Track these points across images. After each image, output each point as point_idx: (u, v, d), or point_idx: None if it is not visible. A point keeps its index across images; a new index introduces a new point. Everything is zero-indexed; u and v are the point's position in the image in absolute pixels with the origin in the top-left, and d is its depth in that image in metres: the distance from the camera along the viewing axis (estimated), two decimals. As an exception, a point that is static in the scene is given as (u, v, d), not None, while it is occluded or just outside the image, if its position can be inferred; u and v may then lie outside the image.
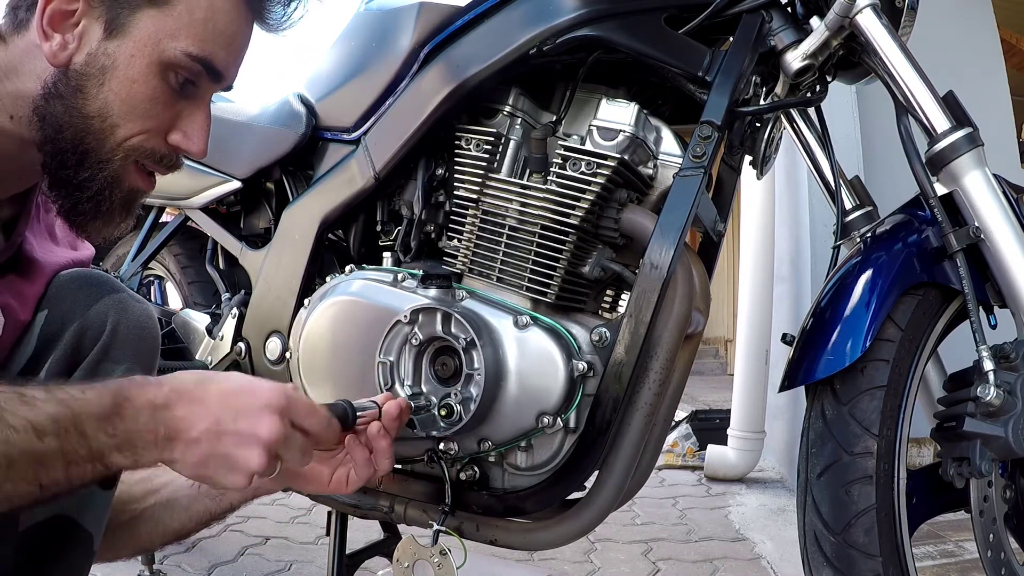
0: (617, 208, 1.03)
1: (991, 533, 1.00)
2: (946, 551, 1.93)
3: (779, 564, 1.92)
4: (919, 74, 1.02)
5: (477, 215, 1.07)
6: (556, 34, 1.03)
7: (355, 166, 1.18)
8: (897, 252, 1.02)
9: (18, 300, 0.89)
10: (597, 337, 1.01)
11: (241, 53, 0.85)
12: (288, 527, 2.13)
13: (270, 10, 0.85)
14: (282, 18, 0.87)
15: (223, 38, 0.81)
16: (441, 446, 1.05)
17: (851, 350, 0.97)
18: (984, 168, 0.99)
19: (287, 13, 0.87)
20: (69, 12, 0.76)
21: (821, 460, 0.98)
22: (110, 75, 0.77)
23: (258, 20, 0.86)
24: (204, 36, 0.79)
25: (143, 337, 0.94)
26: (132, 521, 0.99)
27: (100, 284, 0.94)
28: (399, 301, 1.06)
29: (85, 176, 0.79)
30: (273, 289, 1.24)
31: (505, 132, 1.08)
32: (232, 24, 0.81)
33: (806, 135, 1.21)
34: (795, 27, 1.06)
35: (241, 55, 0.86)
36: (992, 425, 0.92)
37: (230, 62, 0.83)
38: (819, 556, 0.98)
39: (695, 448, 3.28)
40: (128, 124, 0.78)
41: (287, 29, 0.88)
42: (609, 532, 2.15)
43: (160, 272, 1.69)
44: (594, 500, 1.01)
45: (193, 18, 0.78)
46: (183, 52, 0.78)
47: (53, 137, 0.77)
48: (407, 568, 1.02)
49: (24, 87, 0.78)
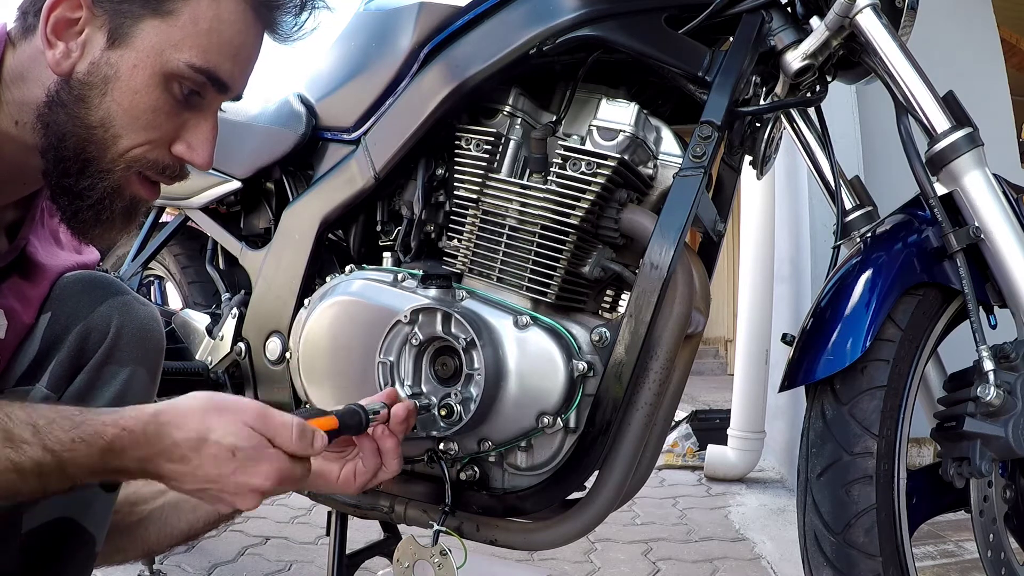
0: (617, 208, 1.03)
1: (991, 533, 1.00)
2: (946, 551, 1.93)
3: (779, 564, 1.92)
4: (919, 74, 1.02)
5: (477, 215, 1.07)
6: (556, 34, 1.03)
7: (355, 166, 1.18)
8: (897, 252, 1.02)
9: (22, 303, 0.89)
10: (597, 337, 1.01)
11: (250, 64, 0.84)
12: (288, 527, 2.13)
13: (281, 20, 0.85)
14: (293, 28, 0.86)
15: (229, 49, 0.80)
16: (441, 446, 1.05)
17: (851, 350, 0.97)
18: (984, 168, 0.99)
19: (298, 23, 0.86)
20: (73, 20, 0.76)
21: (821, 460, 0.98)
22: (113, 85, 0.76)
23: (268, 30, 0.85)
24: (208, 47, 0.78)
25: (147, 339, 0.93)
26: (140, 522, 0.99)
27: (104, 286, 0.93)
28: (399, 301, 1.06)
29: (86, 184, 0.78)
30: (273, 289, 1.24)
31: (505, 132, 1.08)
32: (239, 35, 0.80)
33: (806, 135, 1.20)
34: (795, 27, 1.06)
35: (250, 66, 0.84)
36: (992, 425, 0.92)
37: (236, 73, 0.82)
38: (819, 556, 0.97)
39: (695, 448, 3.28)
40: (131, 135, 0.78)
41: (298, 40, 0.87)
42: (609, 532, 2.15)
43: (160, 272, 1.69)
44: (594, 500, 1.01)
45: (197, 29, 0.77)
46: (186, 63, 0.77)
47: (56, 145, 0.77)
48: (407, 568, 1.02)
49: (30, 93, 0.78)
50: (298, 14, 0.86)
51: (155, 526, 0.99)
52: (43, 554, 0.88)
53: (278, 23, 0.85)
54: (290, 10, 0.85)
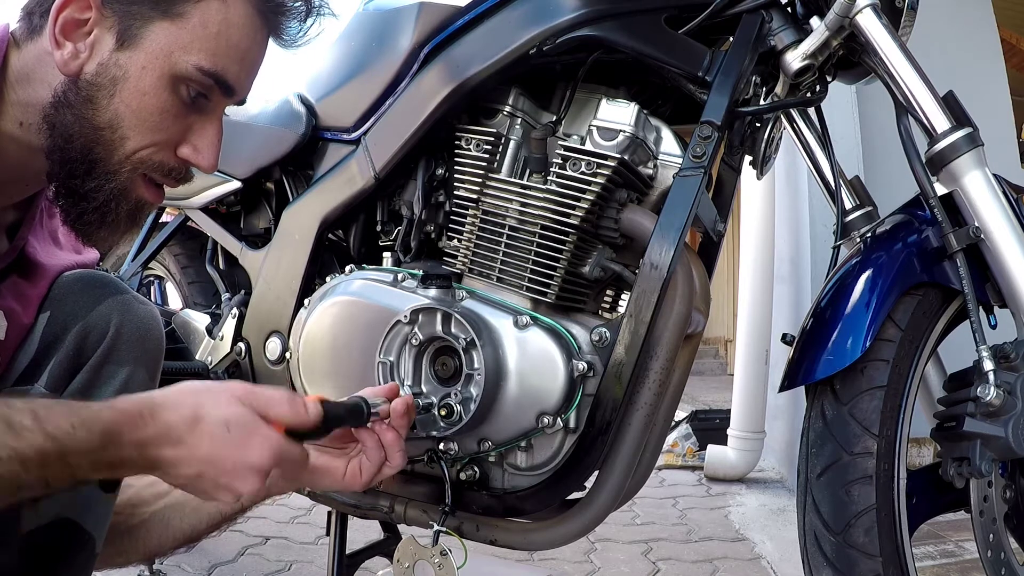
0: (617, 208, 1.03)
1: (991, 533, 1.00)
2: (946, 551, 1.93)
3: (779, 564, 1.92)
4: (919, 74, 1.02)
5: (477, 215, 1.07)
6: (556, 34, 1.03)
7: (355, 166, 1.18)
8: (897, 252, 1.02)
9: (20, 302, 0.89)
10: (597, 337, 1.01)
11: (255, 68, 0.85)
12: (288, 527, 2.13)
13: (286, 26, 0.85)
14: (298, 34, 0.86)
15: (236, 52, 0.80)
16: (441, 446, 1.05)
17: (851, 350, 0.97)
18: (984, 168, 0.99)
19: (303, 29, 0.86)
20: (82, 21, 0.76)
21: (821, 460, 0.98)
22: (121, 86, 0.76)
23: (273, 36, 0.85)
24: (217, 50, 0.78)
25: (147, 339, 0.93)
26: (141, 525, 0.99)
27: (103, 285, 0.93)
28: (399, 301, 1.06)
29: (92, 186, 0.78)
30: (273, 289, 1.24)
31: (505, 132, 1.08)
32: (246, 39, 0.81)
33: (806, 135, 1.20)
34: (795, 27, 1.06)
35: (255, 70, 0.85)
36: (992, 425, 0.92)
37: (243, 77, 0.83)
38: (819, 556, 0.97)
39: (695, 448, 3.28)
40: (138, 136, 0.78)
41: (303, 46, 0.88)
42: (609, 532, 2.15)
43: (160, 272, 1.69)
44: (594, 500, 1.01)
45: (207, 32, 0.77)
46: (195, 66, 0.77)
47: (62, 146, 0.77)
48: (407, 568, 1.02)
49: (36, 94, 0.78)
50: (303, 20, 0.86)
51: (156, 528, 0.99)
52: (43, 555, 0.87)
53: (283, 29, 0.85)
54: (296, 16, 0.85)
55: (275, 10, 0.83)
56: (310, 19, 0.87)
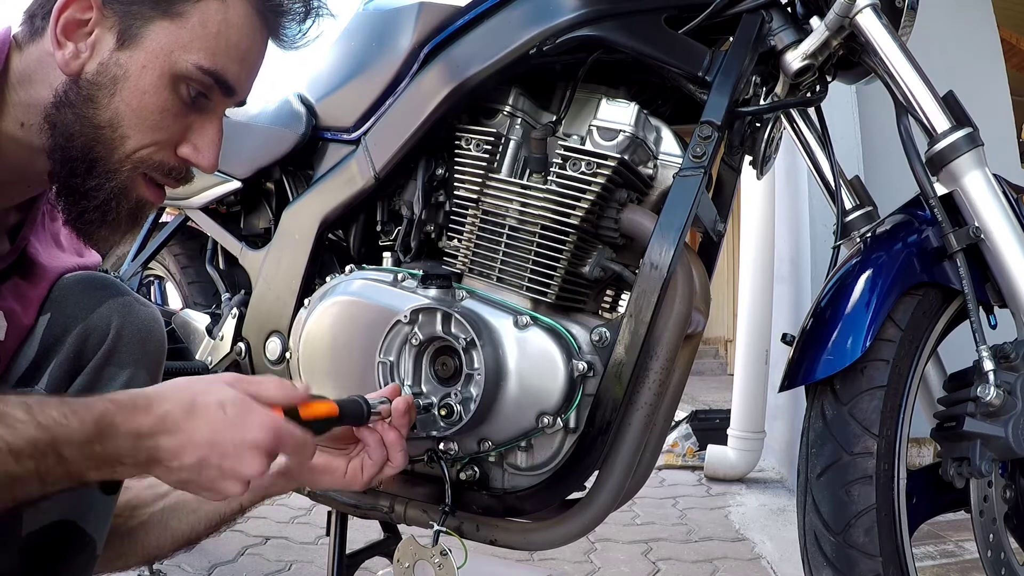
0: (617, 208, 1.03)
1: (991, 533, 1.00)
2: (946, 551, 1.93)
3: (779, 564, 1.93)
4: (919, 74, 1.02)
5: (477, 215, 1.07)
6: (556, 34, 1.03)
7: (355, 166, 1.18)
8: (897, 252, 1.02)
9: (21, 303, 0.89)
10: (597, 337, 1.01)
11: (255, 68, 0.85)
12: (288, 527, 2.13)
13: (285, 27, 0.86)
14: (297, 35, 0.87)
15: (236, 52, 0.81)
16: (441, 446, 1.05)
17: (851, 350, 0.97)
18: (984, 168, 0.99)
19: (302, 30, 0.87)
20: (83, 21, 0.76)
21: (821, 460, 0.98)
22: (121, 85, 0.77)
23: (273, 36, 0.86)
24: (217, 50, 0.79)
25: (148, 341, 0.93)
26: (141, 527, 0.99)
27: (104, 287, 0.93)
28: (399, 301, 1.06)
29: (93, 185, 0.78)
30: (273, 289, 1.24)
31: (505, 132, 1.08)
32: (246, 39, 0.81)
33: (806, 135, 1.20)
34: (795, 27, 1.06)
35: (255, 70, 0.85)
36: (992, 425, 0.92)
37: (243, 77, 0.83)
38: (819, 556, 0.97)
39: (695, 448, 3.28)
40: (138, 135, 0.78)
41: (302, 47, 0.88)
42: (609, 532, 2.15)
43: (160, 272, 1.69)
44: (594, 500, 1.01)
45: (207, 31, 0.78)
46: (195, 65, 0.78)
47: (63, 145, 0.77)
48: (407, 568, 1.02)
49: (37, 95, 0.78)
50: (302, 21, 0.87)
51: (156, 530, 0.98)
52: (43, 556, 0.87)
53: (283, 30, 0.86)
54: (295, 17, 0.86)
55: (274, 11, 0.84)
56: (309, 20, 0.87)
